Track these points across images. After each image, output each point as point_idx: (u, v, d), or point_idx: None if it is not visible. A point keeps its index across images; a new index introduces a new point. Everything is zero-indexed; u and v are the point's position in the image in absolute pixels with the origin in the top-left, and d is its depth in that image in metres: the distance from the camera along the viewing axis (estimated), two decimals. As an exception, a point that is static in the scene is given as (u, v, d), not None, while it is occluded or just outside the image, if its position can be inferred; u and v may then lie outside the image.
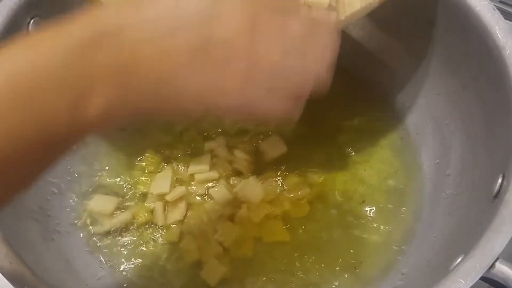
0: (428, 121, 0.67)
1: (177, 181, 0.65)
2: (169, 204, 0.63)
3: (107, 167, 0.67)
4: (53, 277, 0.50)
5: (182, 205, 0.63)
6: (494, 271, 0.44)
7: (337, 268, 0.60)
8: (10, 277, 0.44)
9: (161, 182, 0.64)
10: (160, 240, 0.62)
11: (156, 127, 0.69)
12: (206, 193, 0.64)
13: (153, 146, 0.68)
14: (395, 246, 0.61)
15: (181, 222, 0.63)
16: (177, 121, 0.66)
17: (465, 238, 0.51)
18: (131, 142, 0.68)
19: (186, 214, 0.63)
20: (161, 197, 0.64)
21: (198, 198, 0.64)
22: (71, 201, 0.64)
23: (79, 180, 0.66)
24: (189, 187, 0.65)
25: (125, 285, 0.59)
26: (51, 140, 0.33)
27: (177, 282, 0.59)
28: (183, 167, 0.66)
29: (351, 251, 0.61)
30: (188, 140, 0.68)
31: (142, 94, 0.34)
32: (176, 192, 0.64)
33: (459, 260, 0.46)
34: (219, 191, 0.64)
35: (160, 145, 0.68)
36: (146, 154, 0.67)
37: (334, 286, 0.59)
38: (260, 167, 0.66)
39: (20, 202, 0.56)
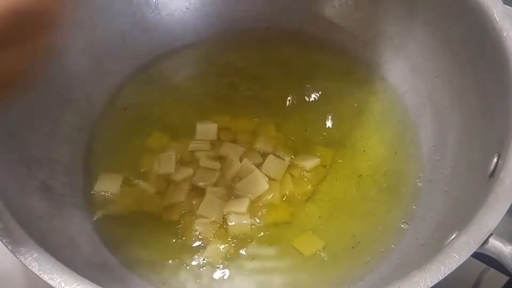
0: (427, 103, 0.67)
1: (179, 161, 0.66)
2: (172, 184, 0.64)
3: (110, 147, 0.68)
4: (56, 252, 0.51)
5: (185, 186, 0.64)
6: (487, 246, 0.45)
7: (335, 247, 0.60)
8: (14, 249, 0.45)
9: (166, 162, 0.65)
10: (162, 219, 0.63)
11: (158, 107, 0.71)
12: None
13: (155, 126, 0.69)
14: (393, 226, 0.61)
15: (182, 202, 0.63)
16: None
17: (460, 217, 0.52)
18: (132, 122, 0.70)
19: (189, 194, 0.64)
20: (165, 177, 0.65)
21: (201, 183, 0.65)
22: (76, 179, 0.65)
23: (83, 158, 0.67)
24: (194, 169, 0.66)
25: (126, 263, 0.60)
26: None
27: (178, 261, 0.60)
28: (185, 147, 0.67)
29: (349, 230, 0.61)
30: (190, 121, 0.69)
31: None
32: (183, 174, 0.65)
33: (453, 236, 0.47)
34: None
35: (162, 125, 0.70)
36: (147, 133, 0.69)
37: (331, 264, 0.59)
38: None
39: (26, 179, 0.58)
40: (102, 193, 0.64)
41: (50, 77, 0.65)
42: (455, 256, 0.44)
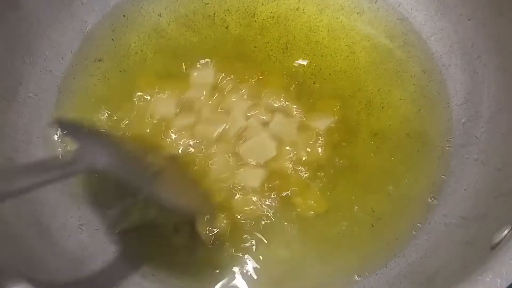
0: (457, 51, 0.59)
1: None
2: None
3: (82, 110, 0.58)
4: (21, 247, 0.45)
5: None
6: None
7: (351, 225, 0.53)
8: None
9: (165, 104, 0.58)
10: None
11: (139, 55, 0.61)
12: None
13: (138, 80, 0.60)
14: (419, 200, 0.54)
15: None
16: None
17: (506, 196, 0.44)
18: (109, 76, 0.60)
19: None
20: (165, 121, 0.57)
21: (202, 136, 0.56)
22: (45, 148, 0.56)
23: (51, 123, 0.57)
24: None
25: (113, 251, 0.52)
26: None
27: (173, 237, 0.53)
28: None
29: (367, 205, 0.54)
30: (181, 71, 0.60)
31: None
32: (185, 119, 0.57)
33: (506, 232, 0.39)
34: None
35: (148, 78, 0.60)
36: (128, 91, 0.59)
37: (348, 246, 0.52)
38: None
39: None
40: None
41: (6, 23, 0.53)
42: (514, 264, 0.37)
